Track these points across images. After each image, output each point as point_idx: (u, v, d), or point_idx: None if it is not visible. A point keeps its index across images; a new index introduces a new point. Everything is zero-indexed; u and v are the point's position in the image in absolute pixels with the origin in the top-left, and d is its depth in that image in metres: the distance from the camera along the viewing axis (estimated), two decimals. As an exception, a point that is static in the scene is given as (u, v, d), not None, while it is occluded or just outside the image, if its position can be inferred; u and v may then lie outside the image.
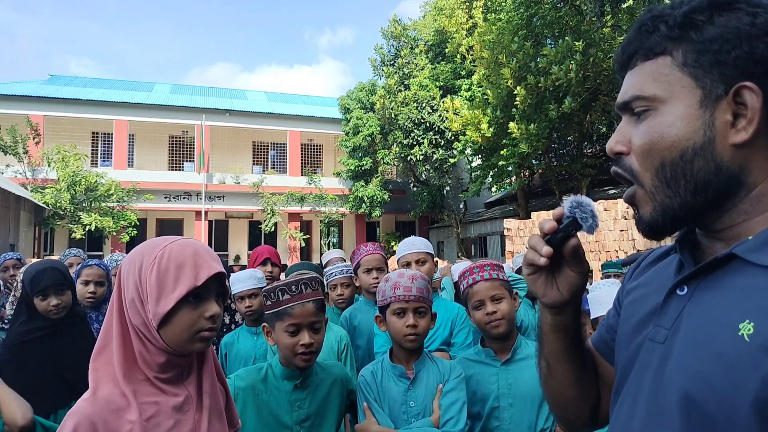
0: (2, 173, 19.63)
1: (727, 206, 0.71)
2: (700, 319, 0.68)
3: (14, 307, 3.44)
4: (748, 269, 0.66)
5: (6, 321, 3.20)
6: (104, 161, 23.94)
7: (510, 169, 16.32)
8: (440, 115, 19.67)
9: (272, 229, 23.57)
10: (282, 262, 3.70)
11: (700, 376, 0.64)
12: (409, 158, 21.07)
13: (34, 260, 7.19)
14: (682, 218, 0.74)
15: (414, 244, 2.74)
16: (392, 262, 3.15)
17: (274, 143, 26.91)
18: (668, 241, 0.87)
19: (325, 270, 3.36)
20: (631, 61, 0.77)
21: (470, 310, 2.05)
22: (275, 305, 1.73)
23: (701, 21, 0.70)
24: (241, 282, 2.92)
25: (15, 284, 3.57)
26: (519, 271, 4.02)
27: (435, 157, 20.45)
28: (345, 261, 3.80)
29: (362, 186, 23.36)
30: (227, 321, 3.42)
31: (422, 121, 20.16)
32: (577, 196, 0.82)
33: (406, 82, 21.38)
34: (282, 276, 3.62)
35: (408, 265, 2.67)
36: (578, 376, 0.93)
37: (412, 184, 24.15)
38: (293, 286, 1.73)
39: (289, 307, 1.70)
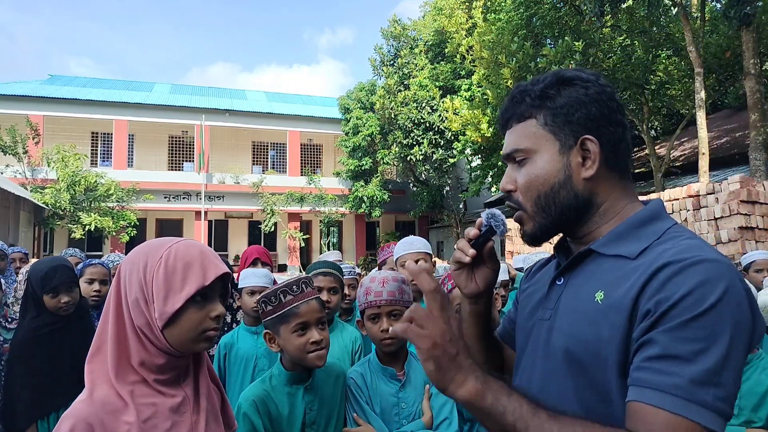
0: (2, 173, 19.61)
1: (584, 220, 1.00)
2: (571, 297, 0.96)
3: (14, 307, 3.44)
4: (600, 259, 0.95)
5: (9, 320, 3.19)
6: (104, 161, 23.92)
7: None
8: (440, 115, 19.67)
9: (272, 229, 23.56)
10: (279, 262, 3.69)
11: (573, 333, 0.90)
12: (408, 158, 21.07)
13: (34, 260, 7.19)
14: (553, 231, 1.02)
15: (413, 244, 2.72)
16: (392, 263, 3.13)
17: (273, 143, 26.90)
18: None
19: None
20: (508, 123, 1.05)
21: None
22: (278, 308, 1.69)
23: (553, 93, 0.99)
24: (256, 277, 2.87)
25: (19, 282, 3.57)
26: (519, 270, 4.02)
27: (435, 157, 20.44)
28: (342, 261, 3.78)
29: (362, 186, 23.35)
30: (228, 320, 3.39)
31: (422, 121, 20.16)
32: (491, 209, 1.09)
33: (405, 82, 21.38)
34: (279, 274, 3.60)
35: (405, 265, 2.65)
36: (488, 357, 1.19)
37: (411, 184, 24.15)
38: (294, 286, 1.70)
39: (295, 306, 1.67)
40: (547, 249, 8.78)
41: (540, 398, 0.89)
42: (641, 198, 1.04)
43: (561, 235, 1.07)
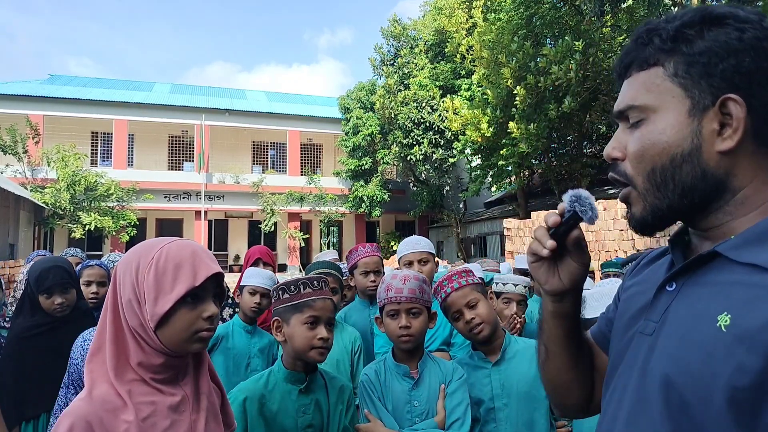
0: (2, 173, 19.62)
1: (712, 208, 0.76)
2: (685, 312, 0.73)
3: (13, 307, 3.45)
4: (729, 266, 0.71)
5: (7, 320, 3.20)
6: (104, 161, 23.92)
7: (510, 168, 16.33)
8: (440, 115, 19.67)
9: (272, 229, 23.56)
10: (279, 262, 3.68)
11: (680, 362, 0.69)
12: (408, 158, 21.07)
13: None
14: (669, 218, 0.80)
15: (417, 244, 2.73)
16: (393, 262, 3.14)
17: (273, 143, 26.90)
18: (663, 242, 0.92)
19: None
20: (628, 70, 0.82)
21: (452, 322, 2.05)
22: (295, 297, 1.72)
23: (692, 35, 0.75)
24: (260, 277, 2.89)
25: (15, 285, 3.57)
26: (520, 271, 4.01)
27: (435, 156, 20.44)
28: (340, 261, 3.78)
29: (362, 186, 23.35)
30: (229, 316, 3.38)
31: (422, 120, 20.16)
32: (577, 190, 0.88)
33: (405, 82, 21.38)
34: (280, 274, 3.60)
35: (410, 264, 2.65)
36: (574, 363, 0.99)
37: (411, 184, 24.15)
38: (315, 282, 1.75)
39: (311, 299, 1.70)
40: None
41: (628, 429, 0.76)
42: None
43: (680, 223, 0.85)
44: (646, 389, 0.74)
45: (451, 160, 20.34)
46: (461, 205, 23.50)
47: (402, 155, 21.18)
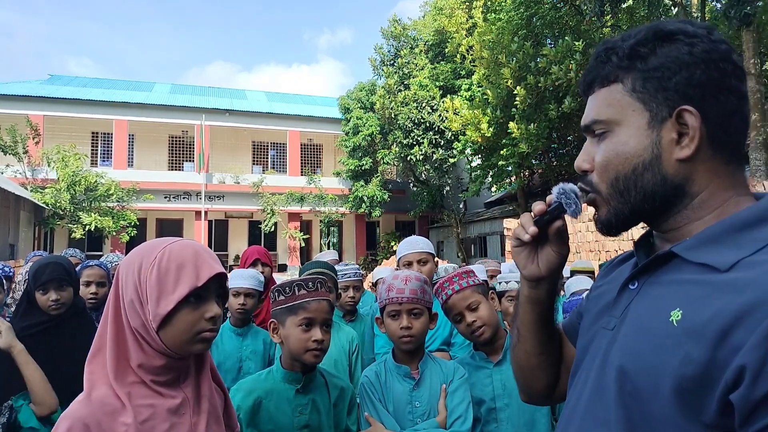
0: (2, 173, 19.62)
1: (672, 211, 0.82)
2: (643, 309, 0.79)
3: (11, 308, 3.45)
4: (684, 265, 0.76)
5: (7, 318, 3.19)
6: (104, 161, 23.92)
7: (510, 169, 16.33)
8: (440, 115, 19.66)
9: (272, 229, 23.56)
10: (279, 262, 3.67)
11: (634, 353, 0.75)
12: (408, 158, 21.06)
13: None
14: (631, 220, 0.85)
15: (416, 244, 2.73)
16: (393, 262, 3.14)
17: (273, 143, 26.89)
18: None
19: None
20: (591, 87, 0.88)
21: (453, 323, 2.05)
22: (289, 299, 1.72)
23: (646, 52, 0.81)
24: (242, 279, 2.89)
25: (14, 286, 3.58)
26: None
27: (435, 156, 20.44)
28: (346, 262, 3.79)
29: (362, 186, 23.35)
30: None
31: (422, 120, 20.15)
32: (565, 184, 0.93)
33: (405, 82, 21.37)
34: (279, 275, 3.59)
35: (409, 264, 2.66)
36: (543, 349, 1.05)
37: (411, 184, 24.15)
38: (310, 283, 1.73)
39: (306, 301, 1.70)
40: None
41: (584, 421, 0.81)
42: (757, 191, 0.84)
43: (645, 227, 0.90)
44: (604, 379, 0.80)
45: (452, 160, 20.33)
46: (461, 206, 23.49)
47: (402, 155, 21.17)
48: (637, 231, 5.36)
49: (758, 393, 0.61)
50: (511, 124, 13.81)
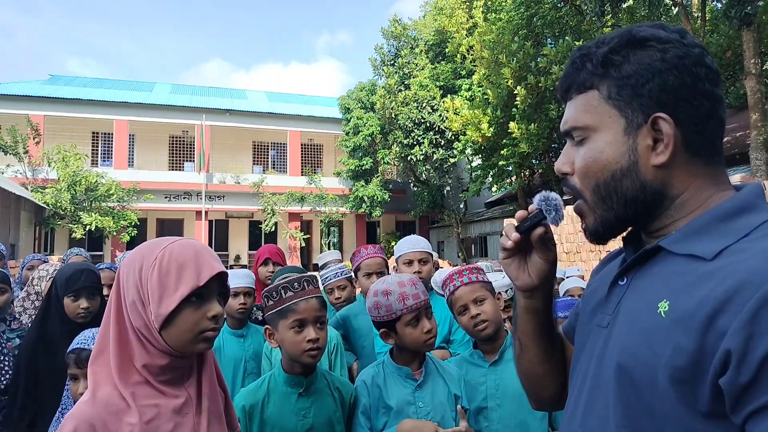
0: (2, 173, 19.63)
1: (656, 214, 0.83)
2: (633, 303, 0.80)
3: (24, 303, 3.44)
4: (670, 258, 0.78)
5: (13, 318, 3.18)
6: (104, 161, 23.93)
7: (510, 168, 16.33)
8: (440, 115, 19.66)
9: (272, 229, 23.56)
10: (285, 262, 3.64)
11: (629, 348, 0.76)
12: (409, 158, 21.06)
13: (56, 259, 7.20)
14: (618, 227, 0.87)
15: (417, 243, 2.72)
16: (392, 262, 3.14)
17: (274, 143, 26.90)
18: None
19: (320, 273, 3.32)
20: (569, 93, 0.89)
21: (456, 316, 2.04)
22: (278, 303, 1.70)
23: (619, 60, 0.81)
24: (239, 278, 2.85)
25: (31, 279, 3.56)
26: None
27: (435, 156, 20.44)
28: (342, 262, 3.77)
29: (362, 186, 23.35)
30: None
31: (422, 120, 20.16)
32: (547, 192, 0.94)
33: (406, 82, 21.38)
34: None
35: (410, 263, 2.65)
36: (547, 356, 1.05)
37: (412, 184, 24.14)
38: (295, 284, 1.71)
39: (294, 303, 1.68)
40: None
41: (586, 417, 0.83)
42: (737, 183, 0.84)
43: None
44: (602, 376, 0.81)
45: (452, 160, 20.33)
46: (462, 205, 23.49)
47: (402, 155, 21.17)
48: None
49: (744, 377, 0.62)
50: (512, 124, 13.80)
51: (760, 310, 0.62)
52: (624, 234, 0.91)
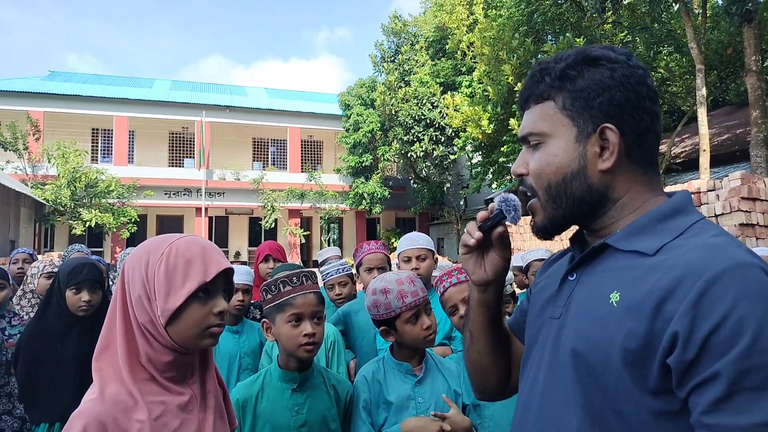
0: (2, 169, 19.62)
1: (599, 214, 0.93)
2: (584, 296, 0.89)
3: (21, 301, 3.45)
4: (616, 254, 0.87)
5: (13, 315, 3.19)
6: (104, 157, 23.92)
7: (510, 165, 16.28)
8: (441, 112, 19.64)
9: (272, 226, 23.56)
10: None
11: (584, 335, 0.84)
12: (409, 155, 21.06)
13: (42, 257, 7.20)
14: (564, 224, 0.96)
15: (416, 240, 2.74)
16: (393, 258, 3.14)
17: (274, 139, 26.88)
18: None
19: (321, 269, 3.32)
20: (527, 103, 0.98)
21: (449, 316, 2.06)
22: (276, 297, 1.72)
23: (574, 75, 0.91)
24: (236, 275, 2.86)
25: (25, 278, 3.57)
26: (515, 269, 4.01)
27: (435, 153, 20.44)
28: (342, 258, 3.77)
29: (362, 182, 23.35)
30: None
31: (422, 117, 20.14)
32: (506, 194, 1.02)
33: (406, 79, 21.35)
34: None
35: (409, 260, 2.67)
36: (495, 348, 1.13)
37: (412, 181, 24.15)
38: (294, 278, 1.72)
39: (291, 297, 1.69)
40: (549, 245, 8.79)
41: (544, 402, 0.90)
42: (667, 189, 0.94)
43: (576, 227, 1.00)
44: (558, 363, 0.88)
45: (452, 157, 20.31)
46: (462, 202, 23.49)
47: (402, 152, 21.16)
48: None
49: (689, 354, 0.71)
50: (512, 121, 13.78)
51: (701, 297, 0.71)
52: (571, 235, 1.02)
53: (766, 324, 0.69)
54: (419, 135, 20.37)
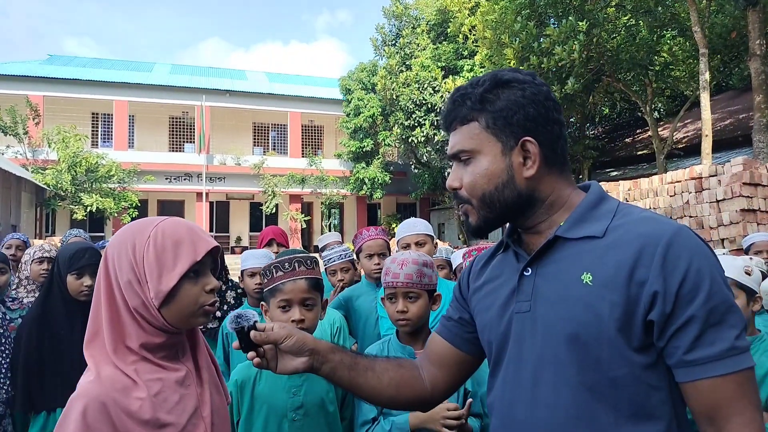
0: (2, 154, 19.59)
1: (529, 213, 1.05)
2: (551, 285, 0.98)
3: (17, 288, 3.45)
4: (568, 243, 0.99)
5: (12, 300, 3.21)
6: (104, 142, 23.85)
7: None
8: (442, 96, 19.51)
9: (273, 211, 23.57)
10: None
11: (571, 317, 0.93)
12: (410, 140, 20.96)
13: (39, 241, 7.18)
14: (497, 223, 1.08)
15: (414, 226, 2.75)
16: (393, 244, 3.15)
17: (274, 124, 26.78)
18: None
19: (322, 255, 3.33)
20: (452, 125, 1.09)
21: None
22: (269, 282, 1.75)
23: (492, 97, 1.03)
24: (255, 258, 2.92)
25: (19, 265, 3.58)
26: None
27: (436, 138, 20.32)
28: (342, 244, 3.78)
29: (363, 167, 23.30)
30: (233, 298, 3.39)
31: (424, 102, 20.01)
32: (234, 312, 1.10)
33: (407, 63, 21.17)
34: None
35: (407, 246, 2.67)
36: (377, 383, 1.17)
37: (413, 166, 24.08)
38: (287, 264, 1.74)
39: (281, 283, 1.72)
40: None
41: (535, 389, 0.97)
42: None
43: (508, 225, 1.14)
44: (546, 350, 0.96)
45: (453, 141, 20.20)
46: (463, 187, 23.45)
47: (403, 137, 21.06)
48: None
49: (668, 307, 0.86)
50: (514, 106, 13.68)
51: (665, 259, 0.87)
52: (505, 237, 1.14)
53: (714, 271, 0.88)
54: (420, 120, 20.26)
